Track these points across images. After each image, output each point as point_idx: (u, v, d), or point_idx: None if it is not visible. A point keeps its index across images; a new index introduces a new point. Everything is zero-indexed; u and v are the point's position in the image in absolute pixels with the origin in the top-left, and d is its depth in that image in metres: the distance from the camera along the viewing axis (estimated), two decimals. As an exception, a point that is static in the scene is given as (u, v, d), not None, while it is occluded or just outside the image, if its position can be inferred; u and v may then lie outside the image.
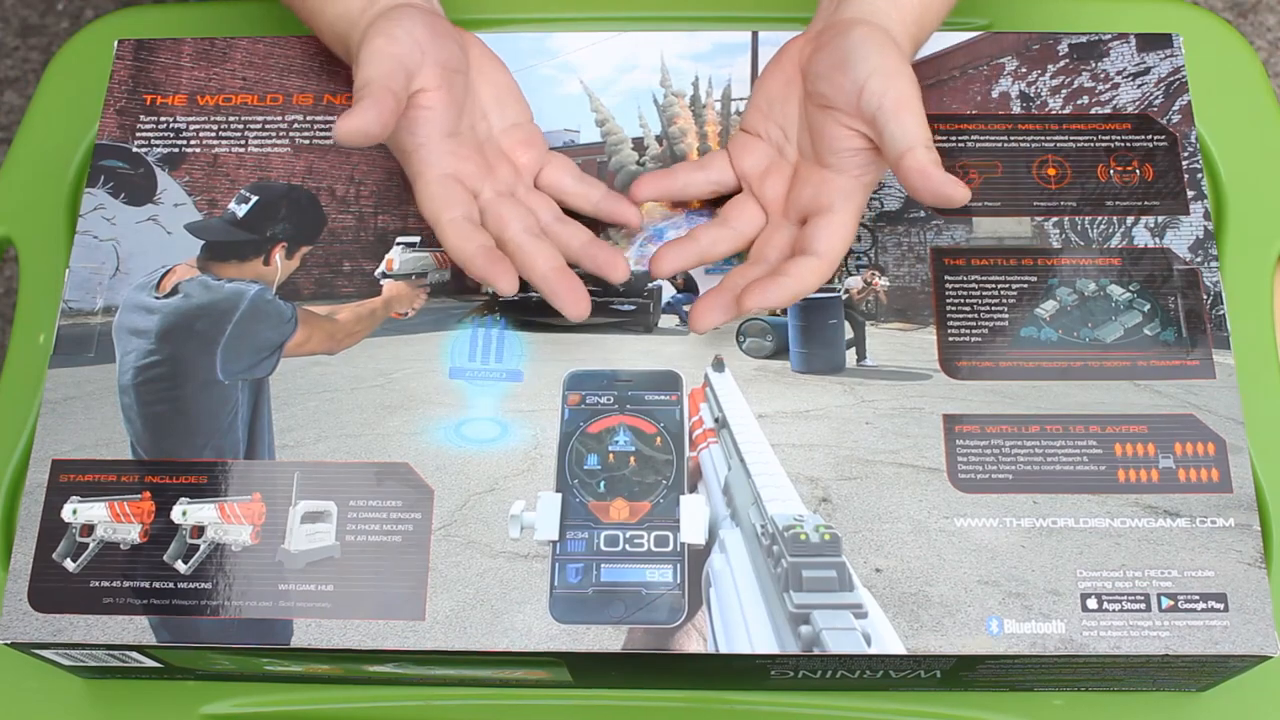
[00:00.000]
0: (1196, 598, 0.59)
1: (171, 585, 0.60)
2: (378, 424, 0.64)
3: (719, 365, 0.65)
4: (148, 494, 0.62)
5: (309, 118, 0.73)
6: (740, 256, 0.67)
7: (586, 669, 0.62)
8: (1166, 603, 0.59)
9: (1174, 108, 0.71)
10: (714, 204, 0.70)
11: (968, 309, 0.66)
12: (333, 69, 0.74)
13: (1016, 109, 0.71)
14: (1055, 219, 0.68)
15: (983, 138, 0.71)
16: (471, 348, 0.66)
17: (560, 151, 0.73)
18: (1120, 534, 0.60)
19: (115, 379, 0.65)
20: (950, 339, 0.65)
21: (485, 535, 0.61)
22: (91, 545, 0.61)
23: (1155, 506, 0.61)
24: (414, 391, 0.65)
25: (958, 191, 0.57)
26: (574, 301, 0.62)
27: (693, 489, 0.62)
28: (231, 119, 0.73)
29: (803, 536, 0.59)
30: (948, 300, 0.66)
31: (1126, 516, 0.61)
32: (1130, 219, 0.68)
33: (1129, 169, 0.69)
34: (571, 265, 0.64)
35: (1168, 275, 0.66)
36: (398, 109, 0.60)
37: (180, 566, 0.61)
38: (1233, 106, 0.77)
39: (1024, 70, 0.72)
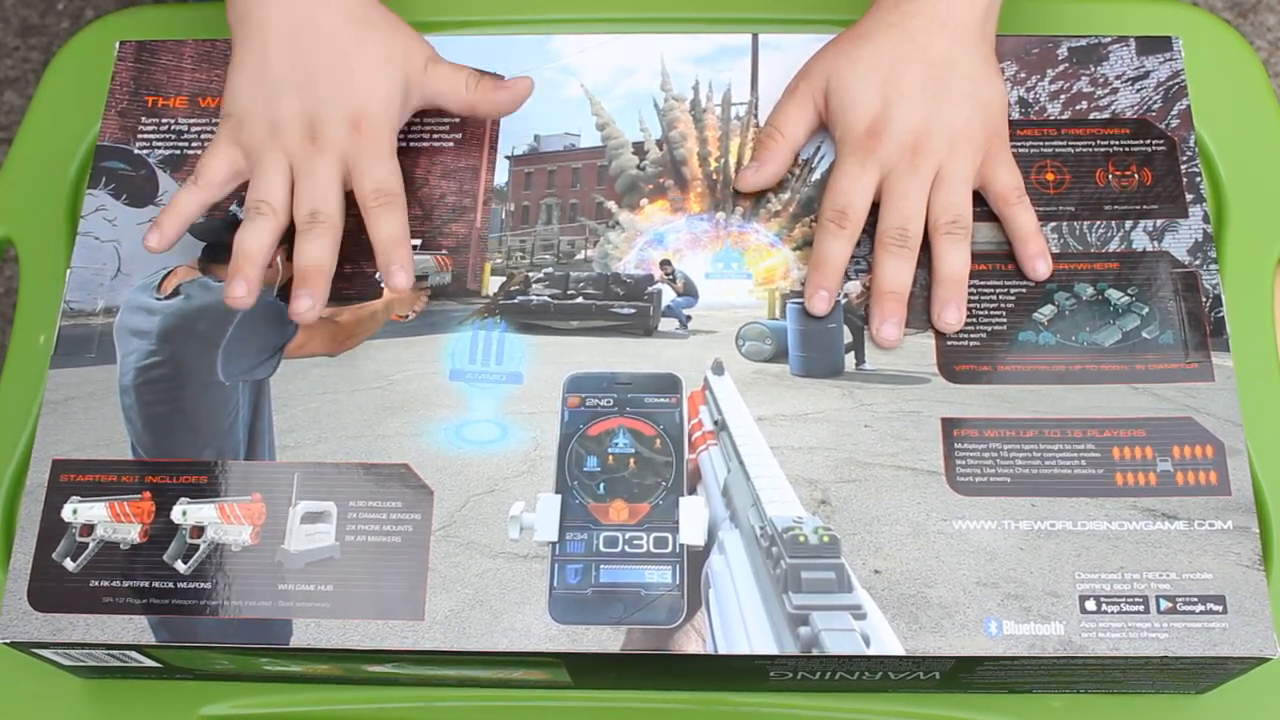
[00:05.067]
0: (1195, 600, 0.59)
1: (171, 585, 0.61)
2: (378, 425, 0.64)
3: (718, 368, 0.65)
4: (148, 494, 0.63)
5: (310, 120, 0.73)
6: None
7: (585, 670, 0.62)
8: (1165, 605, 0.59)
9: (1173, 112, 0.71)
10: (711, 208, 0.71)
11: (966, 313, 0.66)
12: (334, 71, 0.74)
13: (1015, 114, 0.71)
14: (1053, 224, 0.68)
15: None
16: (472, 350, 0.66)
17: (561, 155, 0.73)
18: (1119, 536, 0.60)
19: (116, 379, 0.65)
20: (949, 343, 0.66)
21: (485, 536, 0.61)
22: (91, 545, 0.62)
23: (1154, 509, 0.61)
24: (414, 393, 0.65)
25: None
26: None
27: (692, 491, 0.62)
28: (233, 121, 0.73)
29: (801, 538, 0.60)
30: (947, 303, 0.67)
31: (1125, 519, 0.61)
32: (1129, 223, 0.68)
33: (1127, 173, 0.69)
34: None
35: (1166, 278, 0.66)
36: None
37: (180, 566, 0.61)
38: (1233, 108, 0.77)
39: (1023, 75, 0.73)
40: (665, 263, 0.69)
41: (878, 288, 0.66)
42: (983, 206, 0.68)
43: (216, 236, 0.69)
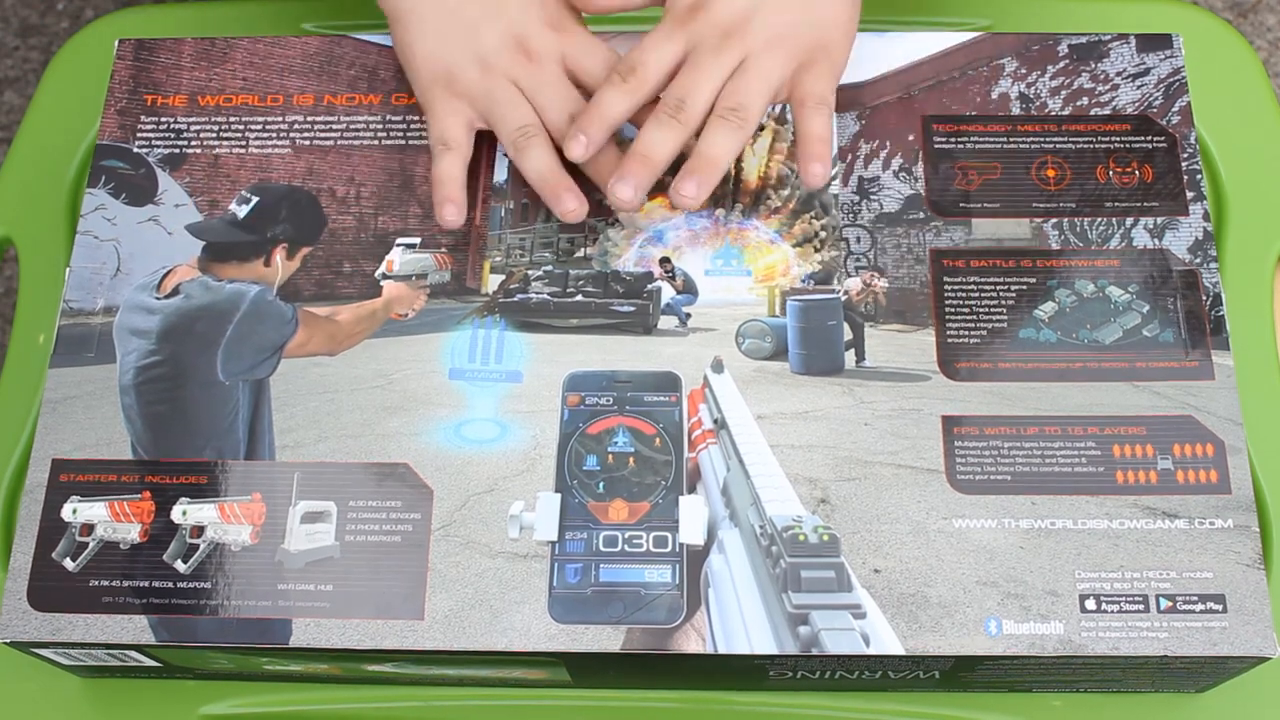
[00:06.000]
0: (1195, 599, 0.59)
1: (171, 585, 0.61)
2: (378, 424, 0.64)
3: (718, 366, 0.65)
4: (148, 494, 0.63)
5: (309, 118, 0.73)
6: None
7: (585, 669, 0.62)
8: (1165, 604, 0.59)
9: (1174, 109, 0.71)
10: (711, 204, 0.70)
11: (967, 310, 0.66)
12: (332, 70, 0.74)
13: (1016, 110, 0.71)
14: (1054, 220, 0.68)
15: (982, 139, 0.71)
16: (471, 349, 0.66)
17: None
18: (1119, 535, 0.60)
19: (115, 379, 0.65)
20: (949, 340, 0.65)
21: (484, 535, 0.61)
22: (91, 544, 0.62)
23: (1154, 508, 0.61)
24: (414, 392, 0.65)
25: None
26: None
27: (692, 490, 0.62)
28: (232, 119, 0.73)
29: (801, 537, 0.59)
30: (947, 302, 0.66)
31: (1125, 518, 0.61)
32: (1129, 220, 0.68)
33: (1128, 170, 0.69)
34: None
35: (1167, 276, 0.66)
36: None
37: (180, 566, 0.61)
38: (1233, 107, 0.77)
39: (1023, 71, 0.73)
40: (665, 260, 0.69)
41: (632, 148, 0.65)
42: (995, 202, 0.68)
43: (216, 236, 0.69)
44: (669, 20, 0.67)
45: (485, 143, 0.73)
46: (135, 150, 0.72)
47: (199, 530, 0.62)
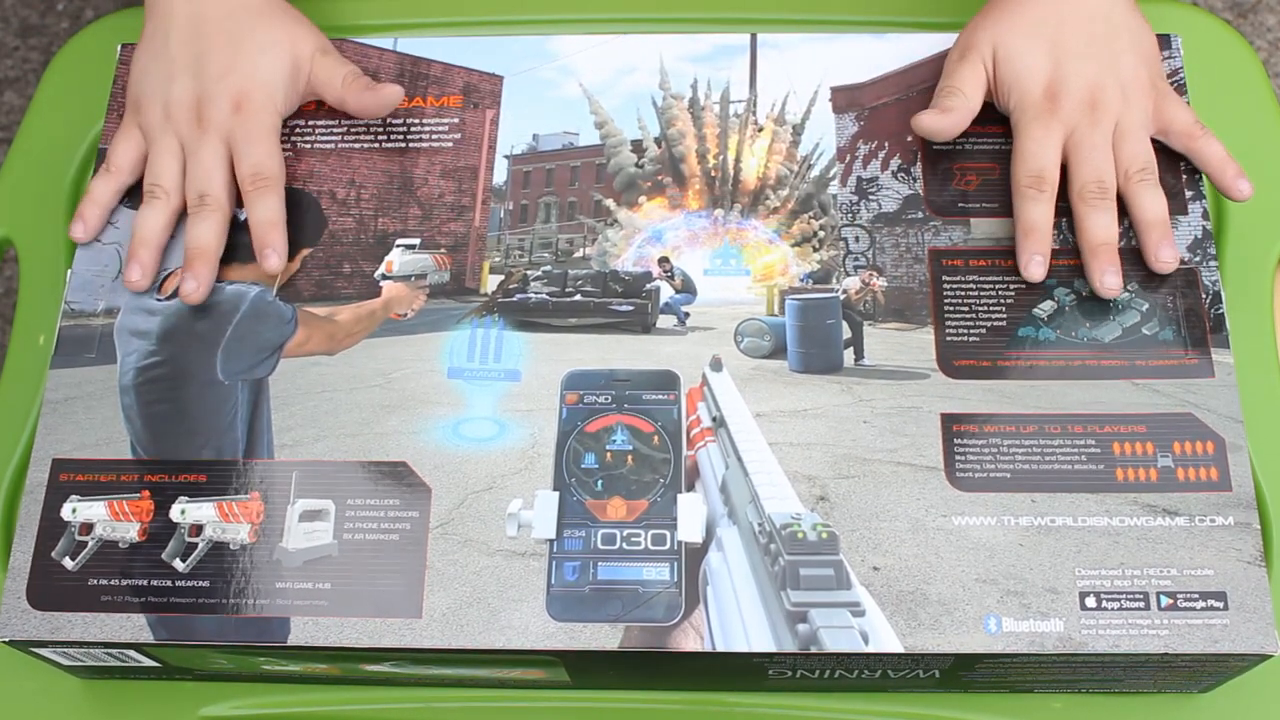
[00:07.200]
0: (1196, 596, 0.58)
1: (170, 583, 0.61)
2: (376, 423, 0.64)
3: (717, 365, 0.65)
4: (147, 493, 0.63)
5: (310, 122, 0.73)
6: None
7: (583, 668, 0.62)
8: (1166, 601, 0.58)
9: (1172, 108, 0.71)
10: (710, 204, 0.70)
11: (965, 309, 0.66)
12: (333, 72, 0.74)
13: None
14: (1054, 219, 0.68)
15: (980, 140, 0.71)
16: (470, 348, 0.66)
17: (560, 154, 0.73)
18: (1119, 533, 0.60)
19: (115, 379, 0.66)
20: (948, 339, 0.65)
21: (483, 533, 0.61)
22: (90, 544, 0.62)
23: (1154, 505, 0.61)
24: (413, 391, 0.65)
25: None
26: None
27: (690, 488, 0.62)
28: (233, 122, 0.73)
29: (800, 535, 0.59)
30: (945, 300, 0.66)
31: (1125, 515, 0.60)
32: (1128, 220, 0.68)
33: (1127, 169, 0.69)
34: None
35: (1166, 275, 0.66)
36: None
37: (178, 565, 0.61)
38: (1233, 106, 0.76)
39: (1022, 71, 0.72)
40: (663, 260, 0.69)
41: (1089, 242, 0.66)
42: (994, 202, 0.68)
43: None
44: (1036, 115, 0.68)
45: (484, 144, 0.73)
46: (136, 152, 0.72)
47: (197, 529, 0.62)
